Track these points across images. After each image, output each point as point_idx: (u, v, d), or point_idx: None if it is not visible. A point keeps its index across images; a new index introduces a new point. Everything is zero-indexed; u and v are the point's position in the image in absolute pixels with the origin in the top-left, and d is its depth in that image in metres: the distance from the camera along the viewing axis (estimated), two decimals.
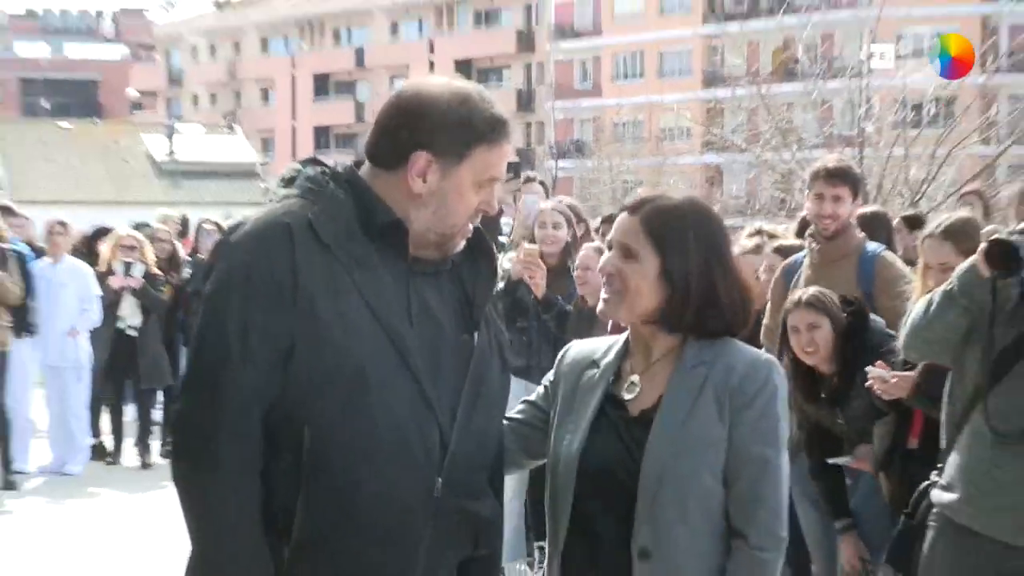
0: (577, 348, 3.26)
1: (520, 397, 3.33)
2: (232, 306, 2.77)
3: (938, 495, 4.27)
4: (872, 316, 5.41)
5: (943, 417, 4.43)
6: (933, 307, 4.16)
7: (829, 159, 6.92)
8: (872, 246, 6.14)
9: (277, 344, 2.74)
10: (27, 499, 10.04)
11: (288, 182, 2.92)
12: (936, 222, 5.17)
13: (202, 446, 2.77)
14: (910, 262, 6.38)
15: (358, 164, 2.97)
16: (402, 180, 2.85)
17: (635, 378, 3.09)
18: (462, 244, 2.93)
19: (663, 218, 3.03)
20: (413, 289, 2.86)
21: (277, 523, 2.77)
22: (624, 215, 3.09)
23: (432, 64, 61.20)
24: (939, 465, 4.33)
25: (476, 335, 2.94)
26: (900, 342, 4.44)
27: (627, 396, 3.07)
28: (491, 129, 2.85)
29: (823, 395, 5.39)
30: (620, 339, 3.16)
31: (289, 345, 2.74)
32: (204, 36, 79.44)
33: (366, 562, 2.80)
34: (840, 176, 6.07)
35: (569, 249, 6.78)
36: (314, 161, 2.99)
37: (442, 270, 2.95)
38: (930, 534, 4.33)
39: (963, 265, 4.10)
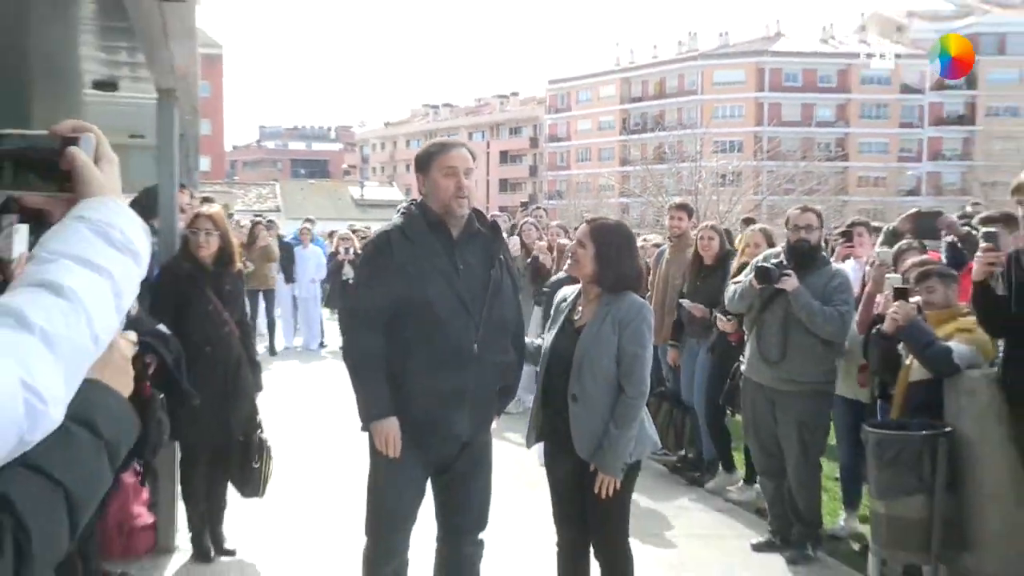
0: (561, 291, 3.19)
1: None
2: (364, 269, 2.78)
3: (743, 366, 4.32)
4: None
5: (744, 329, 4.45)
6: (736, 296, 4.20)
7: (676, 199, 6.89)
8: None
9: (383, 285, 2.69)
10: (286, 362, 9.99)
11: (398, 211, 2.88)
12: (754, 226, 5.34)
13: (350, 341, 2.76)
14: None
15: None
16: (421, 192, 2.82)
17: (580, 308, 3.01)
18: (465, 210, 2.77)
19: (602, 229, 2.97)
20: (458, 253, 2.75)
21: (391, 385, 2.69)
22: (585, 224, 3.03)
23: (488, 154, 60.73)
24: (744, 352, 4.37)
25: (493, 271, 2.80)
26: (725, 300, 4.41)
27: (576, 318, 3.00)
28: (437, 151, 2.78)
29: (702, 274, 5.29)
30: (578, 287, 3.08)
31: (390, 285, 2.69)
32: (378, 139, 78.97)
33: (442, 390, 2.70)
34: (682, 208, 5.95)
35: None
36: (413, 199, 2.92)
37: (475, 241, 2.81)
38: (741, 386, 4.35)
39: (745, 281, 4.11)
